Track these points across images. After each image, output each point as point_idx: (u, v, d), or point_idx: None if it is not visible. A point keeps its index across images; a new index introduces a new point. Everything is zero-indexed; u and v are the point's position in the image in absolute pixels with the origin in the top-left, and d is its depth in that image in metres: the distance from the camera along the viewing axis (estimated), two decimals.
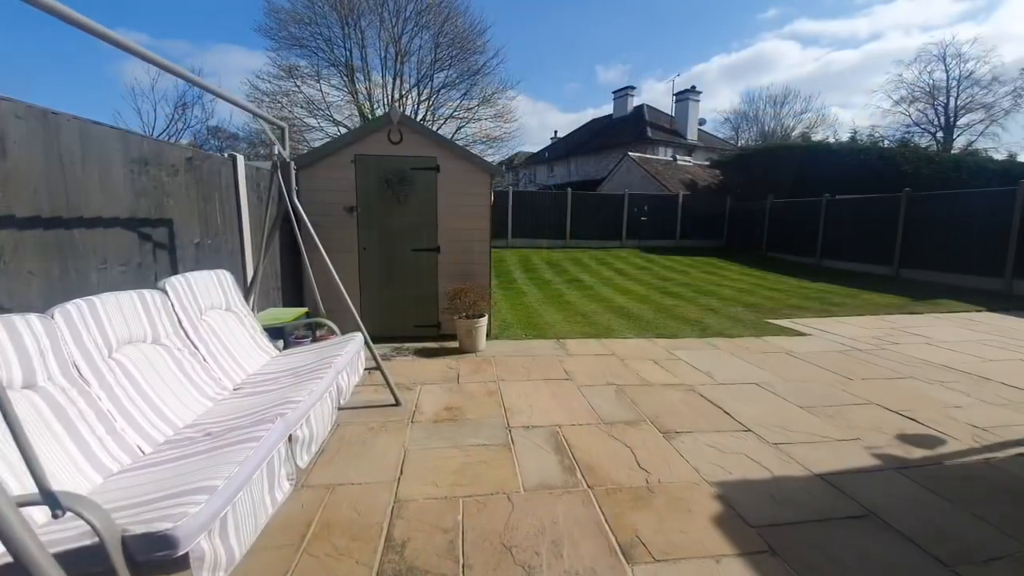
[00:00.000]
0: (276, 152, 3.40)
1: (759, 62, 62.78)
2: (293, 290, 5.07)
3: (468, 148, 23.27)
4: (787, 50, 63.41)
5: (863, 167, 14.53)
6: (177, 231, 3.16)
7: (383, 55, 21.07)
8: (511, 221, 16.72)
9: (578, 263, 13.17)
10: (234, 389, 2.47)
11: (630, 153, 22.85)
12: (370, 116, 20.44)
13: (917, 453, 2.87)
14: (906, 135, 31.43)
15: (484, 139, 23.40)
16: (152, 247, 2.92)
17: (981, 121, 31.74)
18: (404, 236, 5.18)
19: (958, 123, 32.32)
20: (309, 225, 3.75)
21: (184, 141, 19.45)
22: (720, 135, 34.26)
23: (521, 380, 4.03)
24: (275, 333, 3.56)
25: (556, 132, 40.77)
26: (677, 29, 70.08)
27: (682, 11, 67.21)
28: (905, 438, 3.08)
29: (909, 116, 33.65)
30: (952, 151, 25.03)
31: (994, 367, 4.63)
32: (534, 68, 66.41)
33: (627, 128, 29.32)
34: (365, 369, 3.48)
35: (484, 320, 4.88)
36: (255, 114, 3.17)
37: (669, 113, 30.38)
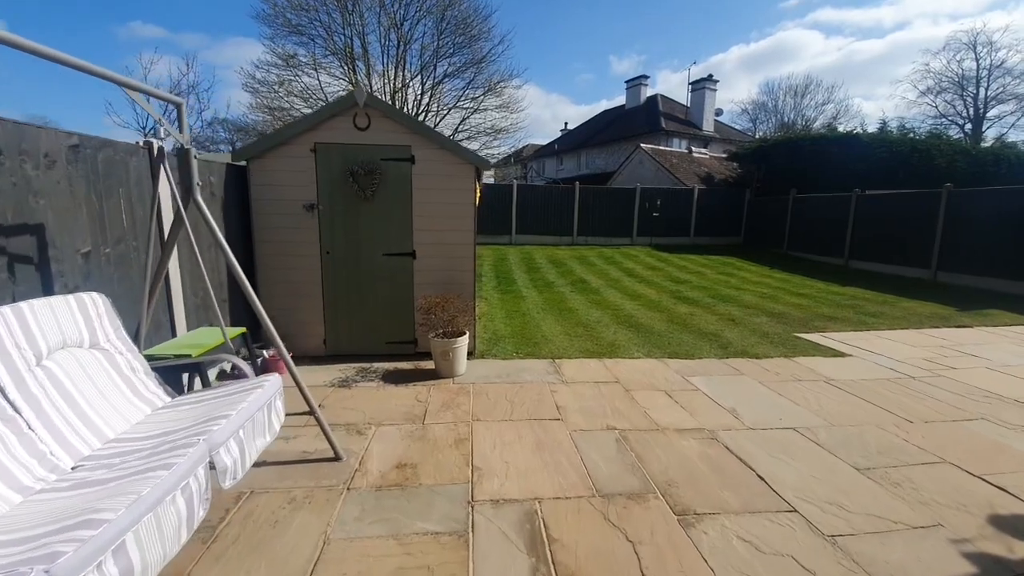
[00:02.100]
0: (162, 134, 2.65)
1: (780, 52, 60.66)
2: (244, 302, 4.36)
3: (473, 139, 22.64)
4: (809, 40, 61.16)
5: (894, 160, 13.44)
6: (52, 239, 2.46)
7: (384, 42, 20.27)
8: (515, 217, 15.92)
9: (585, 262, 12.36)
10: (72, 468, 1.76)
11: (642, 145, 21.80)
12: None
13: (1021, 550, 2.08)
14: (934, 127, 29.85)
15: (490, 130, 22.52)
16: (6, 262, 2.22)
17: (1012, 112, 29.96)
18: (374, 238, 4.45)
19: (988, 115, 30.60)
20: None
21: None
22: (737, 127, 32.91)
23: (501, 420, 3.28)
24: (186, 369, 2.84)
25: (566, 124, 39.72)
26: (695, 18, 68.13)
27: (699, 1, 65.21)
28: (999, 522, 2.28)
29: (936, 107, 31.97)
30: (982, 143, 23.53)
31: None
32: (546, 59, 65.20)
33: (640, 119, 28.18)
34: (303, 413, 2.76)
35: (464, 339, 4.14)
36: (135, 88, 2.42)
37: (684, 103, 29.16)
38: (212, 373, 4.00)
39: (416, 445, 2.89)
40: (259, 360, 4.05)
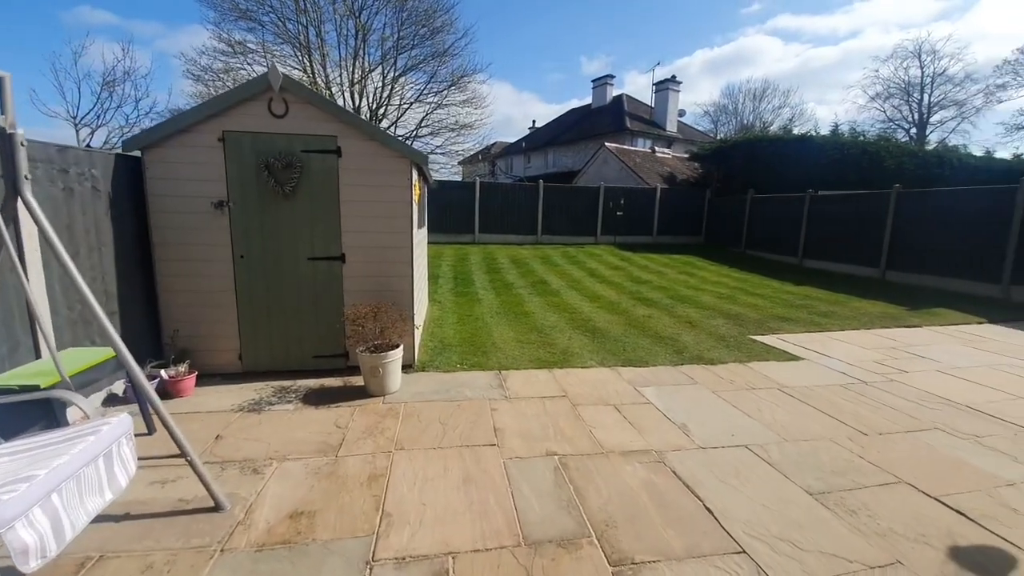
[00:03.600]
0: None
1: (741, 57, 62.56)
2: (142, 314, 3.80)
3: (437, 135, 22.03)
4: (769, 45, 63.42)
5: (846, 161, 13.82)
6: None
7: (340, 32, 19.38)
8: (478, 215, 15.51)
9: (547, 262, 12.09)
10: None
11: (607, 144, 21.79)
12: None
13: None
14: (882, 131, 31.39)
15: (455, 126, 21.96)
16: None
17: (953, 118, 31.92)
18: (296, 240, 3.96)
19: (931, 120, 32.45)
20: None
21: (117, 124, 17.44)
22: (700, 128, 33.57)
23: (428, 448, 2.90)
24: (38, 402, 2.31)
25: (534, 122, 39.50)
26: (662, 22, 69.40)
27: (667, 4, 66.46)
28: (962, 557, 2.09)
29: (884, 112, 33.67)
30: (926, 147, 24.82)
31: None
32: (518, 58, 64.97)
33: (606, 118, 28.26)
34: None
35: (397, 353, 3.72)
36: None
37: (649, 104, 29.44)
38: (98, 398, 3.44)
39: (321, 485, 2.47)
40: (156, 381, 3.51)
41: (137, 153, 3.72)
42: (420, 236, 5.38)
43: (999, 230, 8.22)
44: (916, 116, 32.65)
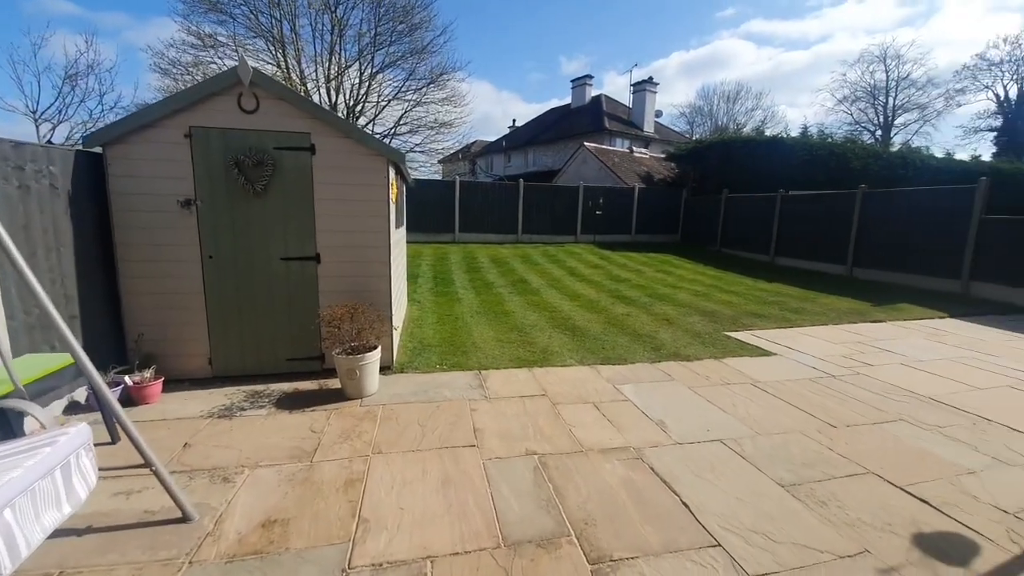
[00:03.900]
0: None
1: (716, 59, 63.85)
2: (104, 317, 3.64)
3: (416, 133, 21.79)
4: (742, 49, 64.91)
5: (815, 162, 14.26)
6: None
7: (316, 26, 18.96)
8: (458, 214, 15.41)
9: (527, 260, 12.11)
10: None
11: (586, 144, 21.95)
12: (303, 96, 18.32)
13: None
14: (849, 133, 32.59)
15: (433, 124, 21.74)
16: None
17: (916, 121, 33.36)
18: (269, 240, 3.85)
19: (895, 122, 33.81)
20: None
21: (80, 119, 16.63)
22: (676, 129, 34.15)
23: (407, 451, 2.86)
24: None
25: (514, 121, 39.48)
26: (640, 24, 70.31)
27: (644, 6, 67.37)
28: (926, 544, 2.17)
29: (851, 115, 34.93)
30: (891, 148, 25.85)
31: (986, 399, 3.92)
32: (496, 56, 64.88)
33: (585, 118, 28.46)
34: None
35: (375, 355, 3.66)
36: None
37: (627, 104, 29.78)
38: (59, 406, 3.28)
39: (295, 492, 2.41)
40: (120, 388, 3.37)
41: (99, 149, 3.55)
42: (398, 235, 5.31)
43: (959, 228, 8.62)
44: (881, 119, 33.98)
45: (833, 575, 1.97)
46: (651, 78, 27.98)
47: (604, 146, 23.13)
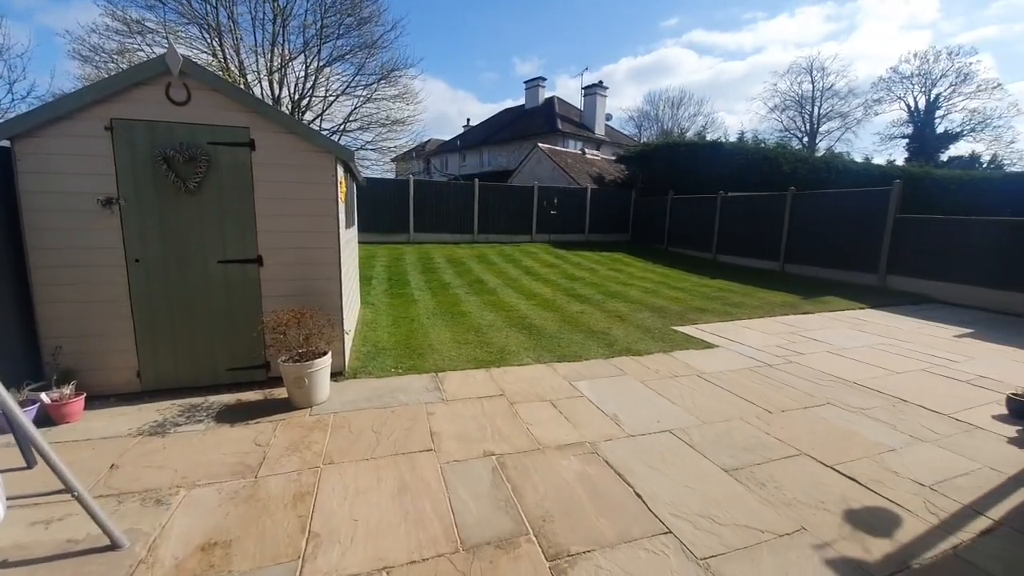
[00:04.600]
0: None
1: (661, 66, 66.60)
2: (16, 329, 3.25)
3: (367, 130, 21.14)
4: (685, 57, 68.04)
5: (750, 166, 15.20)
6: None
7: (256, 14, 17.95)
8: (413, 214, 15.11)
9: (484, 260, 12.08)
10: None
11: (540, 145, 22.23)
12: (243, 88, 17.28)
13: (877, 550, 2.14)
14: (780, 139, 35.05)
15: (385, 121, 21.19)
16: None
17: (839, 128, 36.44)
18: (204, 242, 3.60)
19: (820, 129, 36.74)
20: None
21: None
22: (626, 132, 35.29)
23: (361, 460, 2.77)
24: None
25: (469, 120, 39.28)
26: (590, 28, 71.96)
27: (594, 12, 69.04)
28: (855, 519, 2.37)
29: (781, 122, 37.63)
30: (816, 154, 28.07)
31: (903, 382, 4.34)
32: (451, 55, 64.25)
33: (538, 119, 28.81)
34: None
35: (325, 360, 3.52)
36: None
37: (579, 107, 30.43)
38: None
39: (238, 511, 2.26)
40: (35, 407, 3.03)
41: (6, 143, 3.17)
42: (349, 236, 5.14)
43: (876, 227, 9.47)
44: (808, 126, 36.82)
45: (773, 553, 2.10)
46: (601, 82, 28.78)
47: (557, 147, 23.52)
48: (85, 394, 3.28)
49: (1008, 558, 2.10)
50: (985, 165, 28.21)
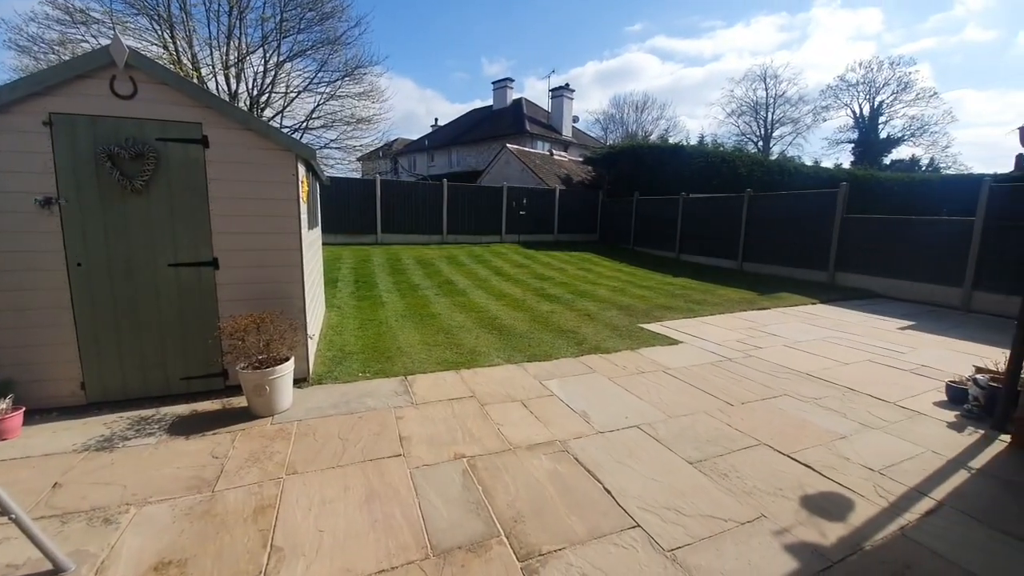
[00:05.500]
0: None
1: (626, 71, 68.04)
2: None
3: (331, 128, 20.59)
4: (648, 63, 69.77)
5: (710, 168, 15.75)
6: None
7: (210, 6, 17.16)
8: (380, 215, 14.81)
9: (454, 262, 11.99)
10: None
11: (508, 145, 22.27)
12: (195, 83, 16.46)
13: (832, 534, 2.26)
14: (737, 143, 36.57)
15: (350, 119, 20.69)
16: None
17: (791, 133, 38.33)
18: (153, 244, 3.40)
19: (774, 134, 38.55)
20: None
21: None
22: (592, 134, 35.85)
23: (327, 468, 2.69)
24: None
25: (437, 120, 38.88)
26: (557, 31, 72.69)
27: (562, 15, 69.81)
28: (811, 504, 2.49)
29: (738, 127, 39.25)
30: (770, 157, 29.43)
31: (852, 373, 4.60)
32: (419, 54, 63.44)
33: (507, 120, 28.86)
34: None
35: (287, 367, 3.39)
36: None
37: (546, 109, 30.67)
38: None
39: (194, 528, 2.15)
40: None
41: None
42: (312, 237, 4.98)
43: (825, 226, 10.01)
44: (762, 131, 38.55)
45: (736, 541, 2.18)
46: (568, 84, 29.12)
47: (526, 148, 23.63)
48: (24, 408, 3.04)
49: (951, 537, 2.25)
50: (924, 168, 30.40)
